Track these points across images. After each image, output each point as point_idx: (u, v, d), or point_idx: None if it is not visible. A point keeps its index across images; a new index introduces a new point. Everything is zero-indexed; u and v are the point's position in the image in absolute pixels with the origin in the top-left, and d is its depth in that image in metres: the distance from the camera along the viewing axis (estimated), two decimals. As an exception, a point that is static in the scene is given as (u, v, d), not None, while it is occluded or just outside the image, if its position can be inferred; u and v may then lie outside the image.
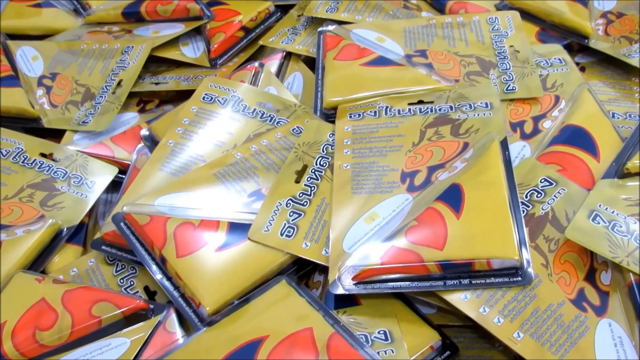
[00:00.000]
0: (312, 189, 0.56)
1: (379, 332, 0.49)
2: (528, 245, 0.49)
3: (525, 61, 0.65)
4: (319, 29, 0.72)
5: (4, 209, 0.61)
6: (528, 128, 0.61)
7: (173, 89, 0.74)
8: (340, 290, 0.49)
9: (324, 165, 0.58)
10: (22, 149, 0.66)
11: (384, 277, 0.49)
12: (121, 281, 0.57)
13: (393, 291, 0.50)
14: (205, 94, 0.66)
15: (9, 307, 0.52)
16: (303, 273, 0.55)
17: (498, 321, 0.47)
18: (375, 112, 0.61)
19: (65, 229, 0.60)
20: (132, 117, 0.73)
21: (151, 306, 0.52)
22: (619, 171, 0.55)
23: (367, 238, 0.51)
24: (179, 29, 0.78)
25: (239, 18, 0.78)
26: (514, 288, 0.48)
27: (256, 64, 0.72)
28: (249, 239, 0.53)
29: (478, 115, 0.58)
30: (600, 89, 0.67)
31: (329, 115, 0.64)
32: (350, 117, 0.61)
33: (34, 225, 0.59)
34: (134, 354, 0.49)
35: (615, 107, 0.65)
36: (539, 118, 0.61)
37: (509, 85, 0.63)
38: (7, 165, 0.65)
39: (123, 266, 0.58)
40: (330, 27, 0.72)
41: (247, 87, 0.68)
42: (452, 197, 0.51)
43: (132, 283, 0.57)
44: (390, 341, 0.49)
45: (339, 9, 0.76)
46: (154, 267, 0.53)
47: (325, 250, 0.52)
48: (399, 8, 0.76)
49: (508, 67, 0.65)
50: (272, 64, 0.76)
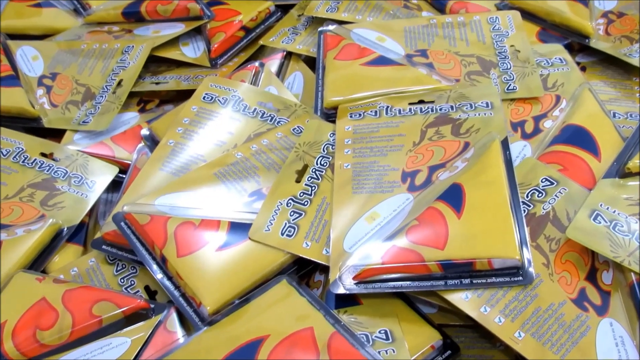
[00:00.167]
0: (313, 188, 0.56)
1: (379, 332, 0.49)
2: (529, 244, 0.49)
3: (526, 61, 0.65)
4: (319, 29, 0.72)
5: (5, 209, 0.61)
6: (529, 128, 0.61)
7: (173, 89, 0.74)
8: (341, 290, 0.49)
9: (325, 164, 0.58)
10: (22, 149, 0.66)
11: (385, 276, 0.49)
12: (122, 281, 0.57)
13: (394, 291, 0.50)
14: (206, 94, 0.66)
15: (10, 306, 0.52)
16: (304, 273, 0.55)
17: (499, 321, 0.47)
18: (375, 112, 0.61)
19: (65, 229, 0.60)
20: (132, 116, 0.73)
21: (152, 306, 0.52)
22: (620, 171, 0.55)
23: (367, 238, 0.51)
24: (179, 28, 0.78)
25: (239, 18, 0.78)
26: (515, 288, 0.48)
27: (256, 64, 0.72)
28: (249, 238, 0.53)
29: (479, 114, 0.58)
30: (601, 88, 0.67)
31: (330, 114, 0.64)
32: (350, 116, 0.61)
33: (34, 225, 0.59)
34: (135, 353, 0.49)
35: (616, 106, 0.64)
36: (540, 118, 0.61)
37: (510, 84, 0.63)
38: (8, 165, 0.65)
39: (124, 266, 0.58)
40: (331, 27, 0.72)
41: (247, 86, 0.68)
42: (453, 196, 0.51)
43: (132, 283, 0.57)
44: (391, 341, 0.49)
45: (340, 9, 0.76)
46: (154, 266, 0.53)
47: (326, 250, 0.52)
48: (400, 8, 0.76)
49: (509, 67, 0.65)
50: (273, 63, 0.76)
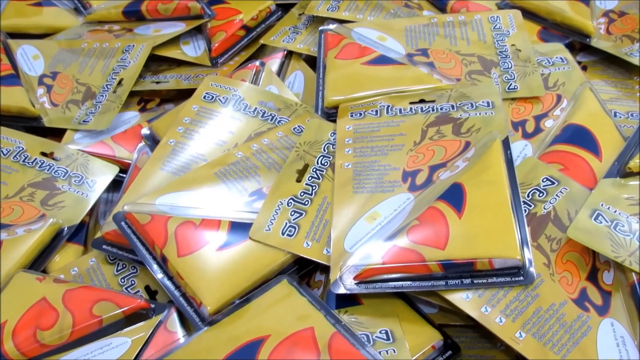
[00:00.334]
0: (314, 188, 0.56)
1: (380, 332, 0.49)
2: (530, 244, 0.49)
3: (527, 60, 0.65)
4: (320, 28, 0.72)
5: (5, 208, 0.61)
6: (530, 127, 0.60)
7: (174, 88, 0.74)
8: (341, 290, 0.49)
9: (325, 164, 0.58)
10: (22, 148, 0.66)
11: (386, 276, 0.49)
12: (122, 280, 0.57)
13: (394, 291, 0.49)
14: (206, 93, 0.66)
15: (10, 306, 0.52)
16: (304, 272, 0.55)
17: (500, 321, 0.47)
18: (376, 111, 0.61)
19: (66, 228, 0.60)
20: (133, 116, 0.73)
21: (152, 306, 0.52)
22: (621, 170, 0.55)
23: (368, 237, 0.51)
24: (179, 27, 0.78)
25: (239, 17, 0.78)
26: (516, 288, 0.48)
27: (257, 63, 0.72)
28: (250, 238, 0.53)
29: (480, 114, 0.58)
30: (602, 88, 0.67)
31: (330, 114, 0.63)
32: (351, 116, 0.61)
33: (34, 225, 0.59)
34: (135, 353, 0.49)
35: (617, 106, 0.64)
36: (541, 117, 0.61)
37: (511, 84, 0.63)
38: (8, 164, 0.65)
39: (124, 265, 0.58)
40: (332, 26, 0.72)
41: (248, 86, 0.68)
42: (454, 196, 0.51)
43: (133, 282, 0.57)
44: (391, 341, 0.49)
45: (340, 8, 0.76)
46: (154, 266, 0.53)
47: (326, 250, 0.52)
48: (400, 7, 0.76)
49: (510, 66, 0.65)
50: (273, 62, 0.76)
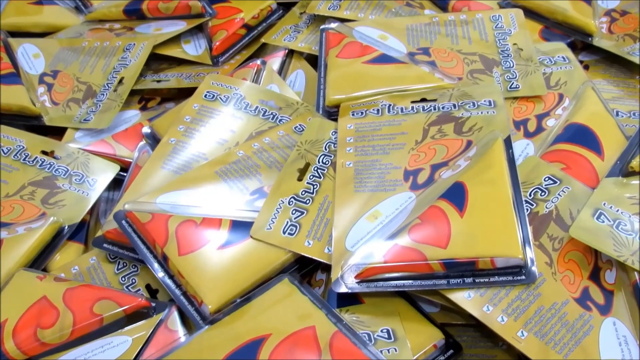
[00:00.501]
0: (315, 187, 0.56)
1: (382, 331, 0.49)
2: (532, 243, 0.49)
3: (528, 59, 0.65)
4: (321, 27, 0.72)
5: (5, 207, 0.61)
6: (532, 126, 0.60)
7: (175, 87, 0.74)
8: (343, 289, 0.48)
9: (327, 163, 0.58)
10: (23, 147, 0.66)
11: (387, 275, 0.49)
12: (123, 279, 0.57)
13: (396, 290, 0.49)
14: (207, 92, 0.66)
15: (10, 305, 0.52)
16: (305, 271, 0.55)
17: (502, 320, 0.47)
18: (378, 110, 0.61)
19: (66, 227, 0.60)
20: (133, 114, 0.73)
21: (153, 304, 0.52)
22: (623, 169, 0.54)
23: (370, 236, 0.50)
24: (180, 26, 0.78)
25: (241, 16, 0.78)
26: (518, 287, 0.48)
27: (258, 62, 0.72)
28: (251, 237, 0.52)
29: (481, 113, 0.58)
30: (604, 87, 0.67)
31: (332, 113, 0.63)
32: (352, 115, 0.61)
33: (35, 223, 0.59)
34: (136, 352, 0.49)
35: (619, 105, 0.64)
36: (543, 116, 0.61)
37: (513, 83, 0.63)
38: (9, 163, 0.65)
39: (125, 264, 0.58)
40: (333, 25, 0.71)
41: (249, 84, 0.67)
42: (456, 195, 0.51)
43: (133, 281, 0.57)
44: (393, 340, 0.48)
45: (342, 7, 0.75)
46: (155, 265, 0.53)
47: (327, 249, 0.51)
48: (402, 6, 0.76)
49: (511, 65, 0.65)
50: (274, 61, 0.76)
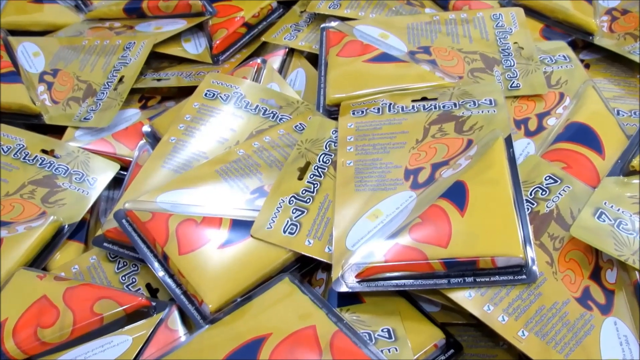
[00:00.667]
0: (315, 186, 0.56)
1: (382, 330, 0.49)
2: (533, 243, 0.49)
3: (529, 58, 0.65)
4: (321, 26, 0.72)
5: (5, 206, 0.61)
6: (532, 125, 0.60)
7: (175, 86, 0.74)
8: (343, 288, 0.48)
9: (327, 162, 0.58)
10: (23, 146, 0.66)
11: (388, 274, 0.49)
12: (123, 278, 0.57)
13: (397, 289, 0.49)
14: (208, 91, 0.66)
15: (11, 304, 0.52)
16: (306, 271, 0.54)
17: (502, 319, 0.46)
18: (378, 109, 0.60)
19: (66, 226, 0.60)
20: (133, 113, 0.73)
21: (153, 304, 0.52)
22: (624, 169, 0.54)
23: (370, 236, 0.50)
24: (181, 25, 0.78)
25: (241, 14, 0.78)
26: (519, 286, 0.48)
27: (259, 61, 0.72)
28: (251, 236, 0.52)
29: (482, 112, 0.58)
30: (604, 86, 0.67)
31: (332, 112, 0.63)
32: (353, 114, 0.61)
33: (35, 222, 0.59)
34: (136, 351, 0.49)
35: (620, 104, 0.64)
36: (544, 115, 0.61)
37: (513, 82, 0.63)
38: (8, 162, 0.65)
39: (125, 263, 0.58)
40: (333, 24, 0.71)
41: (249, 83, 0.67)
42: (456, 194, 0.51)
43: (134, 280, 0.56)
44: (394, 339, 0.48)
45: (342, 5, 0.75)
46: (156, 264, 0.53)
47: (328, 248, 0.51)
48: (402, 4, 0.76)
49: (512, 64, 0.64)
50: (275, 60, 0.75)
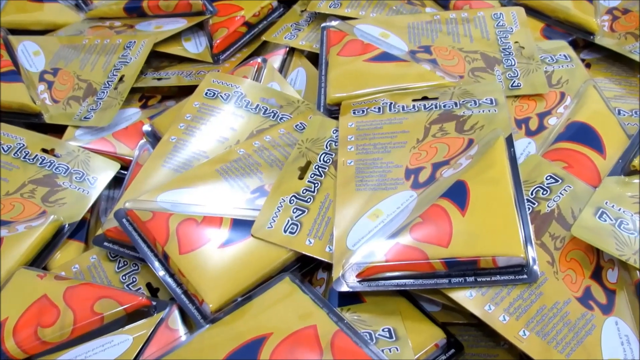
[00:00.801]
0: (316, 185, 0.56)
1: (383, 330, 0.49)
2: (534, 242, 0.49)
3: (530, 57, 0.65)
4: (322, 25, 0.72)
5: (6, 205, 0.60)
6: (533, 125, 0.60)
7: (175, 85, 0.74)
8: (344, 288, 0.48)
9: (328, 161, 0.58)
10: (23, 145, 0.66)
11: (389, 274, 0.49)
12: (123, 278, 0.57)
13: (397, 289, 0.49)
14: (208, 90, 0.66)
15: (11, 303, 0.52)
16: (307, 270, 0.54)
17: (503, 319, 0.46)
18: (379, 109, 0.60)
19: (67, 225, 0.60)
20: (134, 112, 0.73)
21: (154, 303, 0.52)
22: (625, 168, 0.54)
23: (371, 235, 0.50)
24: (181, 24, 0.78)
25: (241, 13, 0.78)
26: (520, 286, 0.48)
27: (259, 60, 0.72)
28: (252, 235, 0.52)
29: (483, 111, 0.58)
30: (605, 85, 0.67)
31: (333, 111, 0.63)
32: (354, 113, 0.60)
33: (35, 222, 0.59)
34: (136, 351, 0.49)
35: (621, 103, 0.64)
36: (544, 115, 0.61)
37: (514, 81, 0.63)
38: (9, 161, 0.64)
39: (125, 263, 0.58)
40: (334, 23, 0.71)
41: (250, 82, 0.67)
42: (457, 194, 0.51)
43: (134, 280, 0.56)
44: (394, 339, 0.48)
45: (343, 5, 0.75)
46: (156, 263, 0.53)
47: (329, 247, 0.51)
48: (403, 4, 0.76)
49: (513, 64, 0.64)
50: (275, 59, 0.75)
